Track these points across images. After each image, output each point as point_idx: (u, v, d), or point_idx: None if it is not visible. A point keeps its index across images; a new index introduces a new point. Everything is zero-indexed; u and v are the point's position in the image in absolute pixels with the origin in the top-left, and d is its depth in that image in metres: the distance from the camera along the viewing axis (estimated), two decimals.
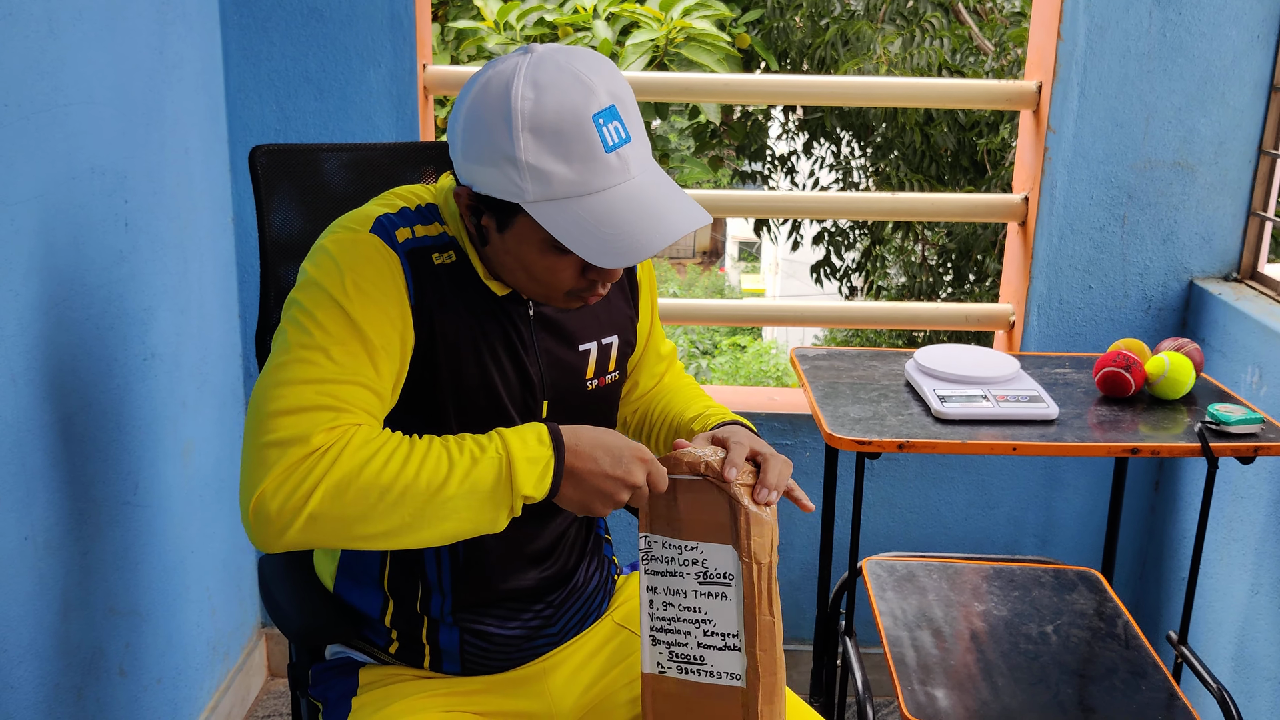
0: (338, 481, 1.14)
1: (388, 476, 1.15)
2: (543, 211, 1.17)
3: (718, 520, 1.26)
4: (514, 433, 1.21)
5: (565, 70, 1.17)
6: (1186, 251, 2.43)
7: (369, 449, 1.16)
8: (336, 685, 1.41)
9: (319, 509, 1.14)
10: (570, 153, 1.16)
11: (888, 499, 2.58)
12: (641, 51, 4.27)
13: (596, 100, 1.16)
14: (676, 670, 1.31)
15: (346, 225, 1.27)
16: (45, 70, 1.63)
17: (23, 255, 1.58)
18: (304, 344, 1.20)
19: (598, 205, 1.17)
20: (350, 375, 1.19)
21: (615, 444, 1.22)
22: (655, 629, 1.32)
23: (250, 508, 1.15)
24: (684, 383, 1.59)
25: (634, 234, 1.16)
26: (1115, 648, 1.94)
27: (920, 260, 7.05)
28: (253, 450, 1.16)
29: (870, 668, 2.56)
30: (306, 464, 1.14)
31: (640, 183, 1.19)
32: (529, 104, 1.16)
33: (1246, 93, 2.34)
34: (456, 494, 1.17)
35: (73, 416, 1.73)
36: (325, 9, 2.29)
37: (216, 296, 2.31)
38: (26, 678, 1.62)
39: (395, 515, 1.16)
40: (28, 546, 1.62)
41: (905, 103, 2.66)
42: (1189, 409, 1.94)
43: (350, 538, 1.17)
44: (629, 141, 1.18)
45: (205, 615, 2.30)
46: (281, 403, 1.17)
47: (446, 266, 1.29)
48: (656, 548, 1.30)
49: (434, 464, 1.17)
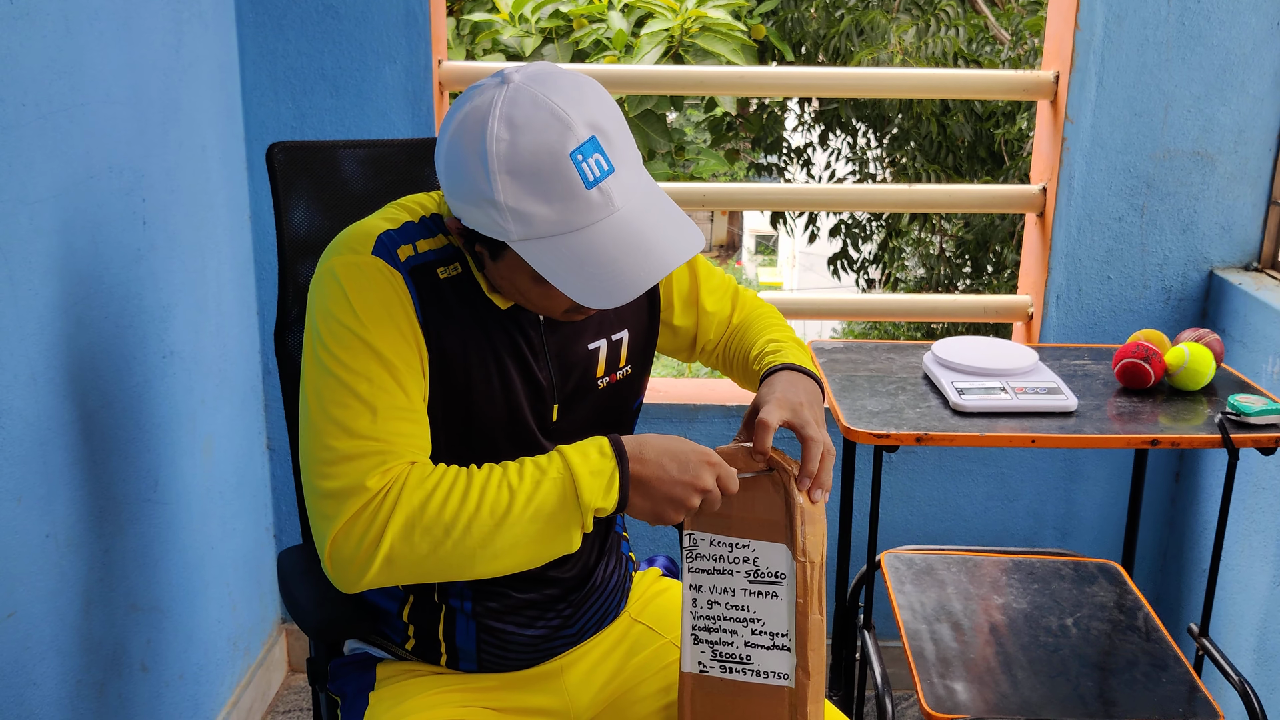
0: (404, 523, 1.17)
1: (450, 512, 1.17)
2: (528, 250, 1.17)
3: (771, 518, 1.25)
4: (574, 449, 1.22)
5: (541, 106, 1.14)
6: (1206, 241, 2.41)
7: (426, 486, 1.18)
8: (354, 680, 1.42)
9: (392, 551, 1.17)
10: (550, 193, 1.14)
11: (906, 492, 2.58)
12: (656, 42, 4.26)
13: (574, 136, 1.14)
14: (720, 669, 1.30)
15: (350, 246, 1.26)
16: (62, 70, 1.63)
17: (41, 255, 1.59)
18: (338, 385, 1.21)
19: (581, 243, 1.15)
20: (386, 412, 1.21)
21: (682, 450, 1.22)
22: (698, 628, 1.30)
23: (326, 556, 1.19)
24: (754, 315, 1.56)
25: (619, 272, 1.15)
26: (1136, 640, 1.93)
27: (938, 252, 7.02)
28: (313, 504, 1.21)
29: (889, 661, 2.55)
30: (369, 510, 1.18)
31: (625, 215, 1.17)
32: (504, 145, 1.14)
33: (1266, 81, 2.32)
34: (522, 518, 1.18)
35: (93, 414, 1.74)
36: (340, 6, 2.30)
37: (235, 293, 2.32)
38: (49, 674, 1.64)
39: (465, 548, 1.18)
40: (49, 544, 1.63)
41: (920, 94, 2.65)
42: (1209, 400, 1.92)
43: (429, 573, 1.20)
44: (611, 173, 1.16)
45: (226, 611, 2.31)
46: (329, 453, 1.19)
47: (452, 279, 1.29)
48: (703, 545, 1.29)
49: (495, 493, 1.18)
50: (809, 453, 1.26)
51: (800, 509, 1.23)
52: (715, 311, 1.53)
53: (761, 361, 1.43)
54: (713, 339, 1.55)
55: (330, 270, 1.25)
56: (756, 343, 1.48)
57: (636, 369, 1.45)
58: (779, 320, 1.56)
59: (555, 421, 1.37)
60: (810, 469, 1.25)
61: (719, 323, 1.54)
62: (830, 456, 1.26)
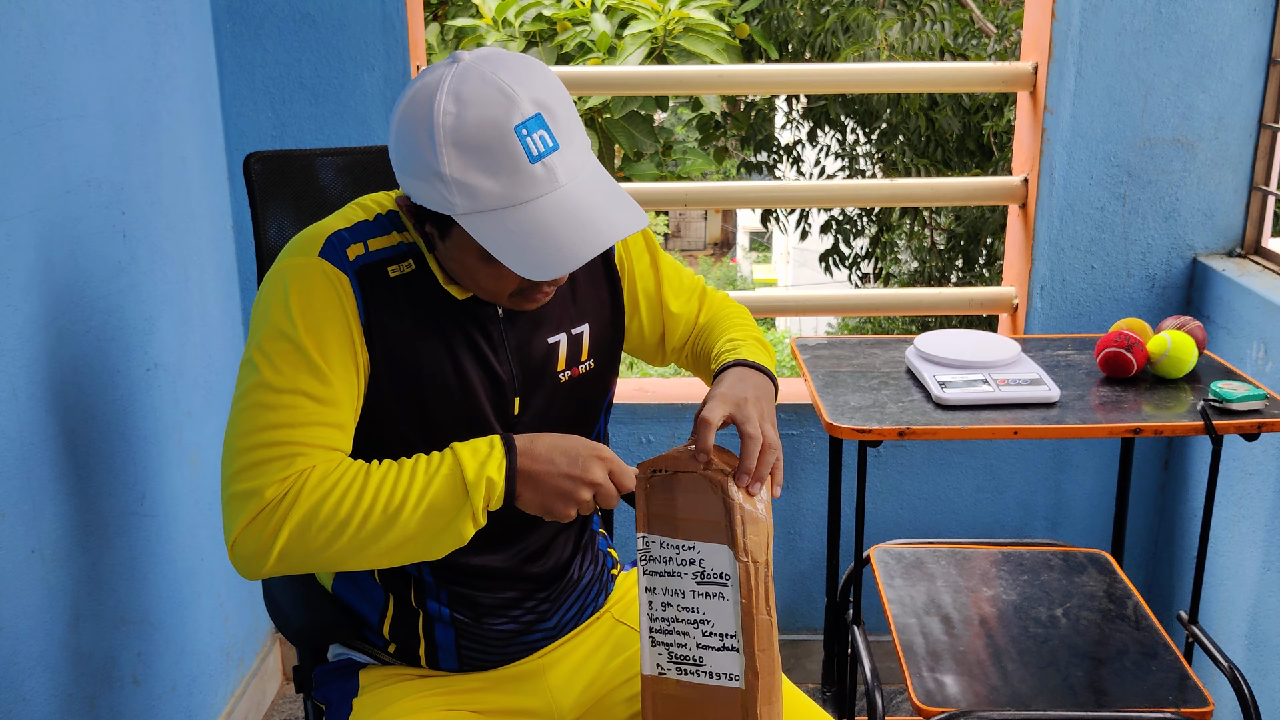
0: (298, 523, 1.20)
1: (345, 510, 1.20)
2: (472, 223, 1.18)
3: (713, 520, 1.25)
4: (466, 445, 1.24)
5: (489, 82, 1.17)
6: (1189, 228, 2.41)
7: (324, 487, 1.21)
8: (338, 687, 1.42)
9: (286, 548, 1.21)
10: (494, 166, 1.16)
11: (896, 486, 2.58)
12: (640, 43, 4.26)
13: (519, 111, 1.16)
14: (676, 671, 1.30)
15: (300, 248, 1.29)
16: (37, 85, 1.63)
17: (21, 270, 1.59)
18: (261, 385, 1.24)
19: (525, 216, 1.17)
20: (304, 417, 1.23)
21: (572, 445, 1.24)
22: (654, 630, 1.31)
23: (230, 550, 1.24)
24: (719, 315, 1.58)
25: (560, 245, 1.17)
26: (1126, 629, 1.93)
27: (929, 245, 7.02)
28: (224, 500, 1.25)
29: (880, 656, 2.55)
30: (263, 516, 1.21)
31: (569, 191, 1.19)
32: (451, 119, 1.16)
33: (1245, 67, 2.32)
34: (414, 516, 1.21)
35: (77, 429, 1.74)
36: (317, 14, 2.30)
37: (218, 304, 2.32)
38: (39, 689, 1.64)
39: (359, 542, 1.21)
40: (35, 559, 1.63)
41: (900, 88, 2.65)
42: (1192, 387, 1.93)
43: (323, 565, 1.24)
44: (556, 150, 1.18)
45: (218, 622, 2.31)
46: (240, 458, 1.23)
47: (404, 277, 1.30)
48: (655, 548, 1.29)
49: (389, 490, 1.21)
50: (746, 449, 1.26)
51: (739, 508, 1.23)
52: (681, 313, 1.55)
53: (718, 360, 1.44)
54: (679, 340, 1.56)
55: (278, 272, 1.28)
56: (718, 342, 1.49)
57: (601, 364, 1.45)
58: (745, 319, 1.56)
59: (518, 415, 1.37)
60: (747, 465, 1.25)
61: (685, 323, 1.56)
62: (770, 452, 1.26)
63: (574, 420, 1.43)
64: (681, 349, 1.58)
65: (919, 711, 1.73)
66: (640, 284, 1.50)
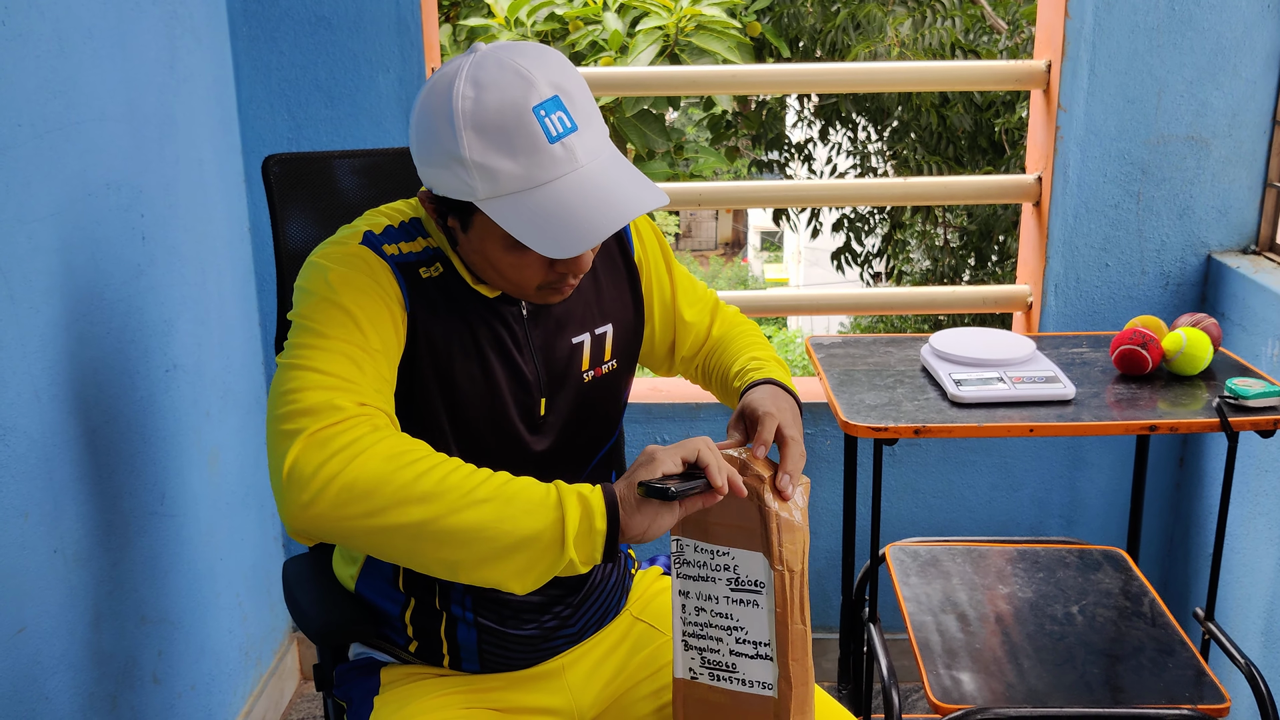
0: (384, 457, 1.11)
1: (431, 482, 1.12)
2: (494, 208, 1.18)
3: (748, 526, 1.24)
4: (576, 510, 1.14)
5: (506, 67, 1.18)
6: (1203, 226, 2.41)
7: (415, 444, 1.15)
8: (359, 685, 1.43)
9: (357, 482, 1.10)
10: (514, 147, 1.16)
11: (911, 484, 2.58)
12: (652, 41, 4.27)
13: (537, 92, 1.17)
14: (709, 676, 1.29)
15: (334, 240, 1.30)
16: (57, 89, 1.65)
17: (42, 272, 1.60)
18: (308, 333, 1.20)
19: (546, 197, 1.17)
20: (354, 356, 1.19)
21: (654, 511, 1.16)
22: (688, 634, 1.29)
23: (284, 474, 1.11)
24: (735, 333, 1.57)
25: (581, 222, 1.17)
26: (1142, 626, 1.93)
27: (942, 243, 7.01)
28: (275, 429, 1.15)
29: (898, 654, 2.56)
30: (343, 425, 1.13)
31: (589, 170, 1.19)
32: (470, 102, 1.17)
33: (1259, 64, 2.32)
34: (499, 542, 1.12)
35: (97, 430, 1.75)
36: (332, 17, 2.31)
37: (236, 306, 2.34)
38: (61, 688, 1.65)
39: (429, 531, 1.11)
40: (57, 559, 1.64)
41: (913, 87, 2.65)
42: (1208, 384, 1.93)
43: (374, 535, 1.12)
44: (574, 130, 1.18)
45: (236, 621, 2.33)
46: (299, 382, 1.16)
47: (434, 279, 1.31)
48: (688, 551, 1.28)
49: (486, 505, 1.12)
50: (789, 453, 1.26)
51: (776, 516, 1.22)
52: (694, 322, 1.56)
53: (744, 377, 1.44)
54: (689, 350, 1.57)
55: (317, 259, 1.28)
56: (738, 359, 1.50)
57: (622, 365, 1.46)
58: (759, 338, 1.57)
59: (543, 415, 1.38)
60: (790, 468, 1.24)
61: (696, 334, 1.56)
62: (803, 461, 1.27)
63: (598, 420, 1.44)
64: (692, 360, 1.58)
65: (935, 709, 1.73)
66: (656, 288, 1.51)
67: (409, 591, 1.42)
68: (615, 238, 1.46)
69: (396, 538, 1.12)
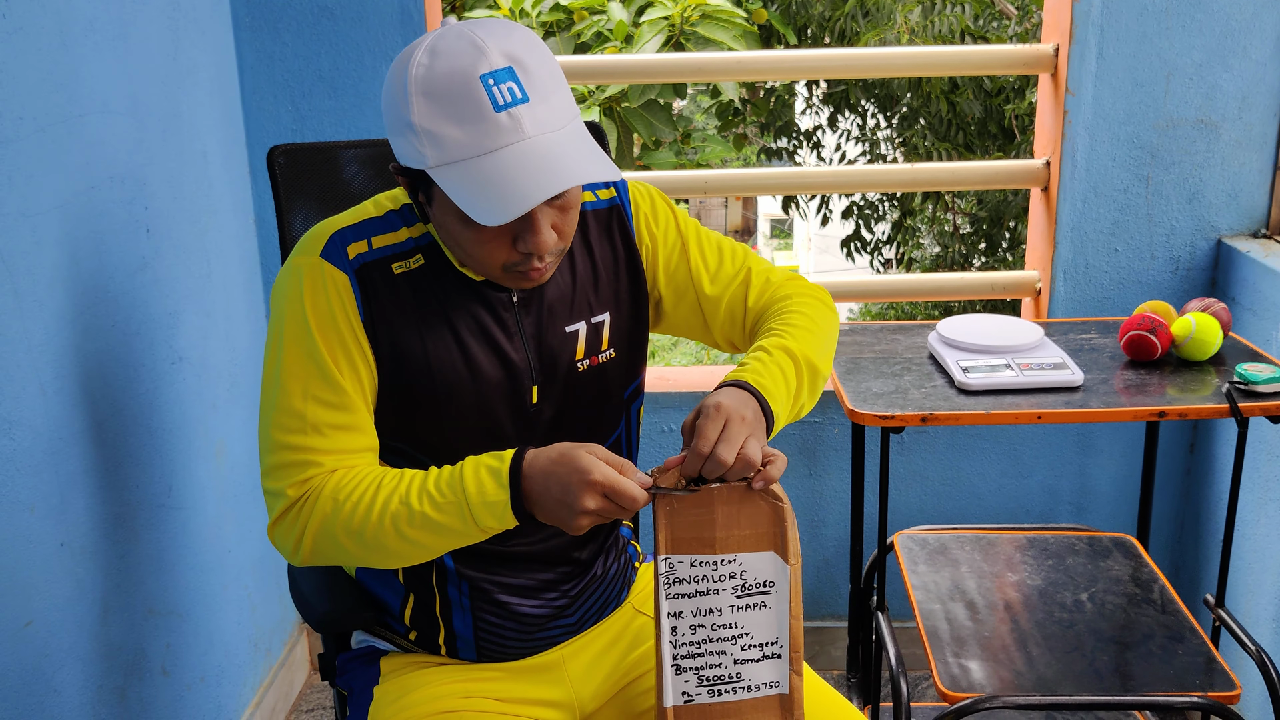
0: (318, 529, 1.27)
1: (356, 523, 1.25)
2: (442, 175, 1.19)
3: (758, 529, 1.22)
4: (474, 476, 1.21)
5: (463, 36, 1.19)
6: (1213, 210, 2.39)
7: (335, 500, 1.26)
8: (361, 674, 1.43)
9: (314, 547, 1.29)
10: (460, 114, 1.17)
11: (920, 472, 2.57)
12: (657, 30, 4.25)
13: (487, 61, 1.17)
14: (707, 695, 1.25)
15: (305, 248, 1.32)
16: (59, 82, 1.65)
17: (46, 266, 1.60)
18: (281, 392, 1.29)
19: (488, 165, 1.17)
20: (317, 422, 1.28)
21: (564, 473, 1.17)
22: (679, 657, 1.25)
23: (271, 539, 1.33)
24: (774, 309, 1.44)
25: (516, 189, 1.16)
26: (1151, 613, 1.92)
27: (953, 229, 6.99)
28: (263, 489, 1.33)
29: (906, 642, 2.55)
30: (289, 515, 1.29)
31: (536, 142, 1.18)
32: (422, 69, 1.18)
33: (1269, 45, 2.30)
34: (424, 534, 1.24)
35: (103, 423, 1.76)
36: (335, 7, 2.30)
37: (242, 298, 2.34)
38: (69, 680, 1.66)
39: (379, 550, 1.27)
40: (64, 552, 1.65)
41: (920, 72, 2.64)
42: (1217, 370, 1.91)
43: (356, 561, 1.31)
44: (524, 102, 1.18)
45: (245, 612, 2.33)
46: (267, 457, 1.30)
47: (409, 273, 1.31)
48: (682, 569, 1.23)
49: (394, 512, 1.24)
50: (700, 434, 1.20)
51: (785, 510, 1.21)
52: (717, 296, 1.46)
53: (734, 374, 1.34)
54: (729, 327, 1.48)
55: (291, 269, 1.32)
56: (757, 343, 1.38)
57: (623, 353, 1.43)
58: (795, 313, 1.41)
59: (536, 404, 1.37)
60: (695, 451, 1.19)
61: (730, 309, 1.46)
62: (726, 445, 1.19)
63: (594, 410, 1.41)
64: (741, 335, 1.48)
65: (944, 697, 1.73)
66: (664, 271, 1.46)
67: (407, 582, 1.42)
68: (617, 221, 1.42)
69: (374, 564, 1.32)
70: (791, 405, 1.33)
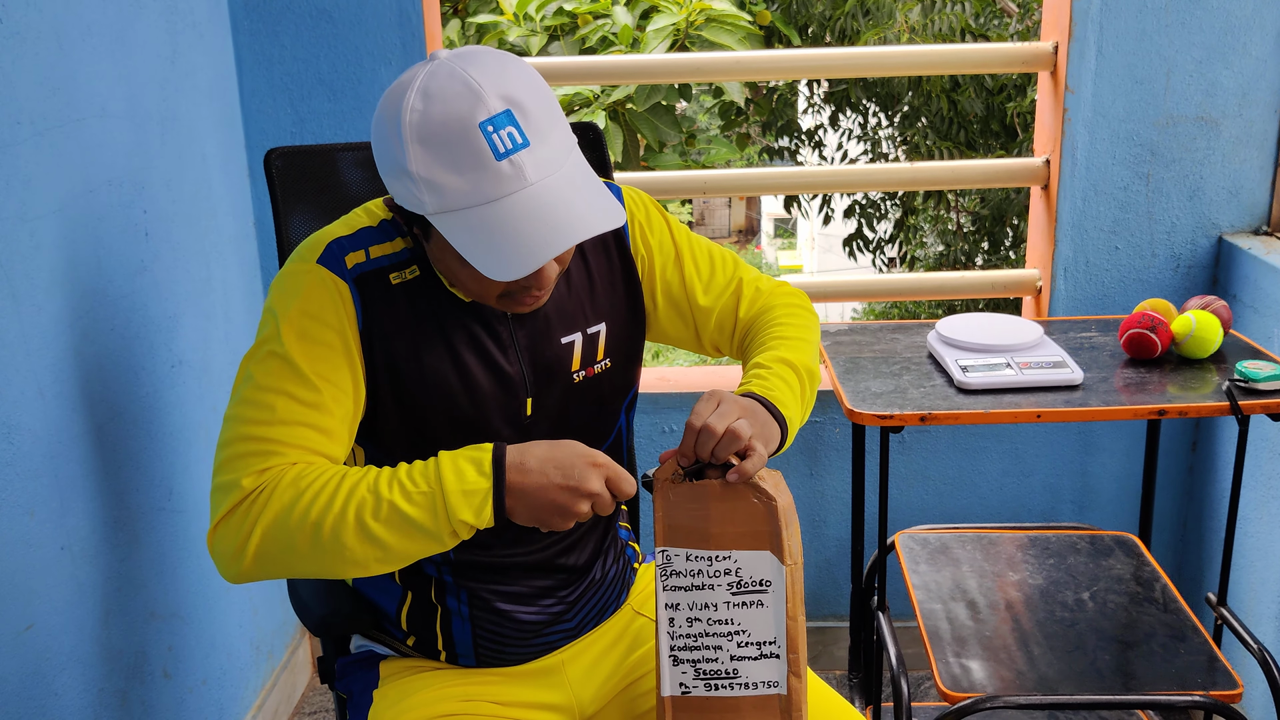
0: (271, 522, 1.18)
1: (315, 514, 1.17)
2: (443, 222, 1.17)
3: (753, 528, 1.22)
4: (452, 465, 1.19)
5: (456, 78, 1.15)
6: (1214, 207, 2.39)
7: (297, 487, 1.19)
8: (360, 678, 1.43)
9: (261, 548, 1.19)
10: (459, 163, 1.14)
11: (920, 471, 2.57)
12: (662, 36, 4.24)
13: (485, 107, 1.14)
14: (705, 688, 1.26)
15: (301, 255, 1.30)
16: (56, 86, 1.65)
17: (44, 269, 1.60)
18: (247, 382, 1.25)
19: (492, 215, 1.15)
20: (283, 415, 1.23)
21: (565, 456, 1.18)
22: (677, 648, 1.26)
23: (209, 547, 1.23)
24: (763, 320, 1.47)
25: (523, 244, 1.14)
26: (1154, 612, 1.92)
27: (956, 227, 6.98)
28: (211, 492, 1.24)
29: (907, 642, 2.55)
30: (241, 508, 1.20)
31: (539, 189, 1.16)
32: (417, 115, 1.15)
33: (1269, 42, 2.29)
34: (388, 530, 1.18)
35: (103, 426, 1.76)
36: (334, 10, 2.31)
37: (242, 301, 2.34)
38: (71, 684, 1.66)
39: (334, 550, 1.18)
40: (65, 556, 1.65)
41: (919, 70, 2.63)
42: (1218, 367, 1.91)
43: (302, 570, 1.22)
44: (525, 147, 1.15)
45: (247, 615, 2.33)
46: (221, 452, 1.23)
47: (407, 284, 1.30)
48: (679, 562, 1.24)
49: (360, 499, 1.18)
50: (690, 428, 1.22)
51: (783, 511, 1.20)
52: (710, 307, 1.48)
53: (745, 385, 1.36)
54: (718, 335, 1.50)
55: (283, 277, 1.30)
56: (749, 362, 1.41)
57: (619, 363, 1.43)
58: (786, 326, 1.45)
59: (531, 416, 1.36)
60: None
61: (720, 319, 1.49)
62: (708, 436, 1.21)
63: (590, 419, 1.41)
64: (730, 343, 1.51)
65: (945, 697, 1.72)
66: (659, 277, 1.46)
67: (405, 585, 1.42)
68: (613, 231, 1.42)
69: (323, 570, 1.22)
70: (801, 411, 1.35)
